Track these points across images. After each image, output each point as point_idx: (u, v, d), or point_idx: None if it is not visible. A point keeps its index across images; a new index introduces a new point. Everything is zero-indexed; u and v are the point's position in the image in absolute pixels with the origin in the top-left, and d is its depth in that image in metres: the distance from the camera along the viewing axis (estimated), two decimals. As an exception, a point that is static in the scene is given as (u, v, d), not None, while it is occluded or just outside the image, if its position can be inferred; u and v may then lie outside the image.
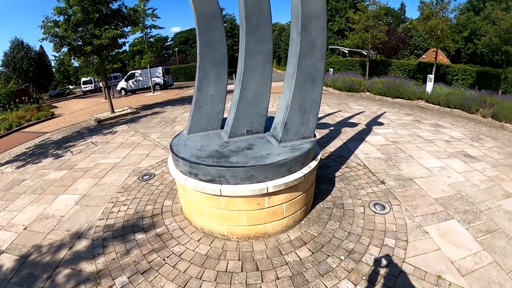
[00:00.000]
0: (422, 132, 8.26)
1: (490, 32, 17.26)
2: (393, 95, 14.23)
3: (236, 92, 4.10)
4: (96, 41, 11.46)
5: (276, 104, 11.00)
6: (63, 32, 11.40)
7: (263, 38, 3.82)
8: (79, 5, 11.18)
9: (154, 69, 27.60)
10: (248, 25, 3.71)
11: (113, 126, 11.04)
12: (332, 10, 53.12)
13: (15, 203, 5.32)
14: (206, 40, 4.10)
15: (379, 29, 22.20)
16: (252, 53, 3.83)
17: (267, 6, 3.75)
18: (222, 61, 4.26)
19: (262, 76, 3.96)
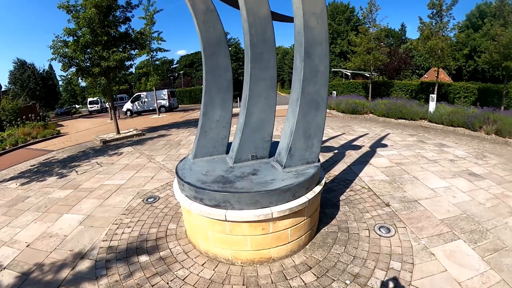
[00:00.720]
0: (426, 152, 8.26)
1: (489, 49, 17.52)
2: (396, 116, 14.33)
3: (241, 118, 4.18)
4: (104, 63, 11.77)
5: (280, 128, 11.12)
6: (72, 52, 11.75)
7: (267, 65, 3.93)
8: (88, 27, 11.56)
9: (159, 91, 28.09)
10: (253, 52, 3.83)
11: (118, 148, 11.15)
12: (334, 33, 54.19)
13: (19, 219, 5.34)
14: (211, 67, 4.23)
15: (380, 51, 22.55)
16: (256, 79, 3.93)
17: (271, 34, 3.88)
18: (227, 87, 4.37)
19: (266, 102, 4.04)
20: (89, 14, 11.18)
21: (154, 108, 27.62)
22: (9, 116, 21.44)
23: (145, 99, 29.49)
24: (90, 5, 11.26)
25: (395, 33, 59.71)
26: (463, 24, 42.97)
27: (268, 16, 3.87)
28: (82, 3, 11.79)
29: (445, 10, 18.20)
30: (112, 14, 12.21)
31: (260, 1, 3.80)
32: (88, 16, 11.22)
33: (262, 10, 3.81)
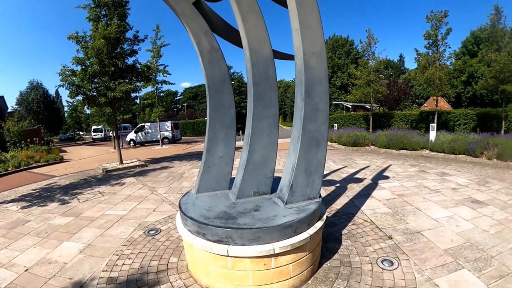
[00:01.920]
0: (428, 182, 8.28)
1: (485, 74, 17.85)
2: (398, 147, 14.42)
3: (244, 154, 4.28)
4: (110, 93, 12.05)
5: (282, 162, 11.18)
6: (79, 81, 12.12)
7: (269, 103, 4.08)
8: (96, 57, 11.96)
9: (163, 123, 28.56)
10: (256, 91, 3.99)
11: (121, 178, 11.19)
12: (334, 66, 55.57)
13: (18, 243, 5.33)
14: (215, 104, 4.38)
15: (380, 83, 23.01)
16: (259, 117, 4.07)
17: (273, 73, 4.05)
18: (230, 124, 4.51)
19: (269, 139, 4.16)
20: (98, 44, 11.59)
21: (157, 139, 27.90)
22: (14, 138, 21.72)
23: (148, 130, 29.89)
24: (99, 36, 11.69)
25: (394, 64, 61.08)
26: (459, 51, 43.94)
27: (270, 56, 4.06)
28: (91, 34, 12.27)
29: (441, 40, 18.75)
30: (120, 47, 12.66)
31: (262, 42, 4.00)
32: (97, 46, 11.63)
33: (265, 50, 4.01)
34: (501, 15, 18.27)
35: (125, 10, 12.72)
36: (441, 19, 18.57)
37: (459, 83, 40.52)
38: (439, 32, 18.69)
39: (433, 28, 18.70)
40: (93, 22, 12.43)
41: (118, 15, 12.45)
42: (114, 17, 12.25)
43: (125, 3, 12.72)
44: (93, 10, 12.36)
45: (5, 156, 16.93)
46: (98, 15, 12.40)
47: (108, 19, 12.44)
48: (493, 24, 18.50)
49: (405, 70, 59.11)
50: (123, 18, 12.66)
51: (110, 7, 12.33)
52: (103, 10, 12.49)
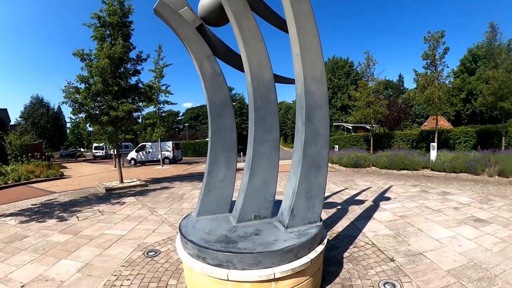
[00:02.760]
0: (429, 202, 8.22)
1: (484, 92, 17.99)
2: (399, 167, 14.41)
3: (245, 178, 4.30)
4: (112, 112, 12.15)
5: (283, 184, 11.15)
6: (82, 99, 12.25)
7: (270, 127, 4.13)
8: (100, 76, 12.13)
9: (164, 143, 28.73)
10: (257, 115, 4.05)
11: (121, 197, 11.14)
12: (334, 88, 56.30)
13: (15, 258, 5.26)
14: (217, 127, 4.43)
15: (380, 103, 23.17)
16: (260, 141, 4.11)
17: (274, 97, 4.12)
18: (232, 147, 4.55)
19: (269, 163, 4.19)
20: (102, 64, 11.78)
21: (158, 159, 27.99)
22: (15, 151, 21.76)
23: (149, 150, 30.02)
24: (104, 55, 11.90)
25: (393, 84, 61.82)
26: (457, 69, 44.40)
27: (271, 81, 4.14)
28: (96, 53, 12.50)
29: (439, 59, 19.01)
30: (123, 66, 12.88)
31: (263, 67, 4.08)
32: (101, 66, 11.82)
33: (266, 75, 4.09)
34: (496, 32, 18.62)
35: (129, 30, 13.03)
36: (438, 39, 18.89)
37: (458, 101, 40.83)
38: (436, 52, 18.98)
39: (431, 48, 19.01)
40: (98, 41, 12.69)
41: (122, 35, 12.74)
42: (118, 37, 12.53)
43: (129, 23, 13.03)
44: (98, 30, 12.64)
45: (5, 169, 16.95)
46: (103, 35, 12.66)
47: (113, 39, 12.72)
48: (489, 41, 18.84)
49: (405, 90, 59.75)
50: (127, 38, 12.95)
51: (114, 27, 12.63)
52: (108, 30, 12.78)
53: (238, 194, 4.51)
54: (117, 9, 12.54)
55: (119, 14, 12.55)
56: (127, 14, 12.89)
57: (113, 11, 12.40)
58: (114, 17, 12.32)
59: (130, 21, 13.07)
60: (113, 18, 12.31)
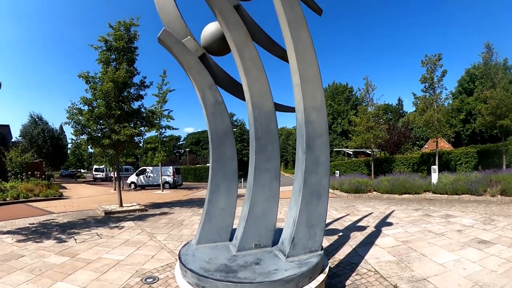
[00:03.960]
0: (432, 226, 8.13)
1: (482, 112, 18.09)
2: (400, 191, 14.36)
3: (245, 206, 4.30)
4: (114, 136, 12.23)
5: (284, 211, 11.10)
6: (85, 121, 12.38)
7: (271, 156, 4.16)
8: (104, 99, 12.28)
9: (165, 167, 28.62)
10: (258, 144, 4.09)
11: (120, 221, 11.04)
12: (334, 113, 56.93)
13: (11, 277, 5.17)
14: (218, 156, 4.47)
15: (380, 128, 23.30)
16: (261, 170, 4.13)
17: (275, 127, 4.18)
18: (232, 176, 4.57)
19: (270, 192, 4.19)
20: (106, 87, 11.96)
21: (158, 183, 27.84)
22: (15, 169, 21.78)
23: (150, 174, 30.05)
24: (108, 79, 12.11)
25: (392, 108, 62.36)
26: (456, 90, 44.72)
27: (272, 110, 4.21)
28: (101, 77, 12.71)
29: (437, 82, 19.28)
30: (127, 91, 13.08)
31: (264, 96, 4.17)
32: (105, 89, 11.99)
33: (267, 104, 4.17)
34: (492, 52, 18.95)
35: (133, 56, 13.33)
36: (435, 62, 19.24)
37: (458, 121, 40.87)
38: (434, 75, 19.29)
39: (429, 72, 19.33)
40: (103, 65, 12.95)
41: (127, 60, 13.02)
42: (123, 62, 12.79)
43: (134, 49, 13.35)
44: (104, 53, 12.92)
45: (4, 186, 16.93)
46: (108, 59, 12.94)
47: (118, 63, 12.98)
48: (486, 62, 19.15)
49: (404, 113, 60.14)
50: (131, 63, 13.23)
51: (120, 52, 12.93)
52: (113, 54, 13.08)
53: (238, 222, 4.49)
54: (123, 34, 12.87)
55: (125, 39, 12.88)
56: (132, 39, 13.22)
57: (120, 36, 12.73)
58: (120, 42, 12.65)
59: (135, 47, 13.39)
60: (119, 43, 12.64)
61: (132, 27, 13.26)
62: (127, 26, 13.11)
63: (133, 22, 13.25)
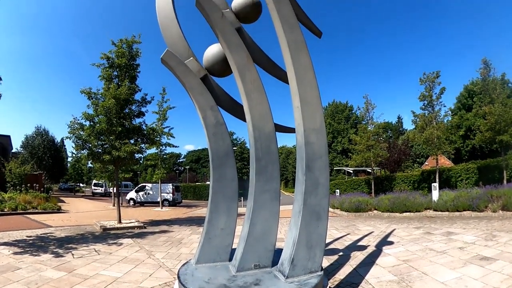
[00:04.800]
0: (433, 244, 8.06)
1: (482, 128, 18.14)
2: (401, 210, 14.32)
3: (245, 227, 4.30)
4: (115, 152, 12.26)
5: (284, 230, 11.03)
6: (86, 136, 12.42)
7: (271, 177, 4.20)
8: (105, 115, 12.37)
9: (164, 185, 28.55)
10: (258, 165, 4.14)
11: (118, 237, 10.95)
12: (334, 132, 57.16)
13: None
14: (219, 176, 4.50)
15: (380, 146, 23.35)
16: (261, 191, 4.16)
17: (275, 148, 4.23)
18: (233, 196, 4.59)
19: (270, 212, 4.21)
20: (108, 104, 12.08)
21: (157, 200, 27.62)
22: (14, 180, 21.69)
23: (149, 191, 29.95)
24: (110, 96, 12.22)
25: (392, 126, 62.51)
26: (455, 107, 44.86)
27: (273, 131, 4.28)
28: (103, 93, 12.84)
29: (436, 99, 19.45)
30: (128, 107, 13.20)
31: (265, 118, 4.24)
32: (107, 105, 12.11)
33: (267, 126, 4.23)
34: (490, 68, 19.17)
35: (135, 73, 13.52)
36: (433, 79, 19.49)
37: (458, 138, 40.99)
38: (433, 92, 19.49)
39: (427, 89, 19.54)
40: (105, 81, 13.10)
41: (129, 76, 13.20)
42: (125, 79, 12.96)
43: (136, 66, 13.54)
44: (106, 70, 13.09)
45: (2, 196, 16.85)
46: (111, 75, 13.11)
47: (120, 80, 13.15)
48: (484, 77, 19.35)
49: (404, 131, 60.26)
50: (133, 80, 13.41)
51: (122, 69, 13.11)
52: (116, 71, 13.25)
53: (238, 242, 4.48)
54: (125, 52, 13.08)
55: (127, 56, 13.08)
56: (134, 57, 13.43)
57: (122, 53, 12.93)
58: (123, 59, 12.84)
59: (137, 64, 13.60)
60: (121, 60, 12.83)
61: (134, 44, 13.48)
62: (129, 43, 13.33)
63: (135, 39, 13.47)
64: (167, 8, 5.07)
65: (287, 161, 76.34)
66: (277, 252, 4.46)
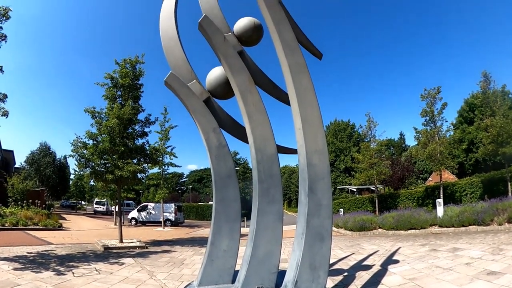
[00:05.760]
0: (440, 261, 7.90)
1: (484, 141, 18.06)
2: (406, 227, 14.15)
3: (248, 249, 4.28)
4: (117, 171, 12.28)
5: (287, 251, 10.92)
6: (89, 155, 12.47)
7: (274, 199, 4.21)
8: (108, 135, 12.43)
9: (167, 205, 28.36)
10: (261, 187, 4.15)
11: (119, 257, 10.81)
12: (337, 150, 57.26)
13: None
14: (221, 197, 4.50)
15: (383, 164, 23.29)
16: (264, 213, 4.17)
17: (277, 170, 4.26)
18: (235, 217, 4.59)
19: (273, 234, 4.20)
20: (111, 123, 12.15)
21: (159, 220, 27.29)
22: (16, 195, 21.63)
23: (151, 211, 29.76)
24: (113, 115, 12.31)
25: (395, 142, 62.44)
26: (456, 121, 44.82)
27: (275, 154, 4.31)
28: (106, 112, 12.93)
29: (437, 115, 19.49)
30: (131, 127, 13.28)
31: (267, 140, 4.28)
32: (110, 125, 12.18)
33: (269, 148, 4.27)
34: (490, 81, 19.22)
35: (139, 93, 13.66)
36: (434, 95, 19.59)
37: (461, 151, 40.76)
38: (434, 108, 19.55)
39: (429, 105, 19.61)
40: (109, 101, 13.23)
41: (132, 96, 13.33)
42: (129, 99, 13.08)
43: (139, 86, 13.70)
44: (110, 90, 13.24)
45: (4, 211, 16.78)
46: (114, 95, 13.26)
47: (123, 99, 13.28)
48: (484, 90, 19.37)
49: (407, 147, 60.15)
50: (136, 100, 13.54)
51: (126, 89, 13.26)
52: (119, 90, 13.40)
53: (241, 264, 4.45)
54: (129, 72, 13.26)
55: (130, 76, 13.24)
56: (138, 77, 13.60)
57: (126, 73, 13.11)
58: (126, 79, 13.00)
59: (140, 84, 13.76)
60: (125, 80, 12.99)
61: (137, 64, 13.67)
62: (133, 63, 13.53)
63: (138, 59, 13.68)
64: (171, 31, 5.18)
65: (290, 180, 75.81)
66: (281, 274, 4.41)
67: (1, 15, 9.86)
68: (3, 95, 9.85)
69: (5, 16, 9.93)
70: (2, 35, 10.17)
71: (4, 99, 9.85)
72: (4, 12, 9.84)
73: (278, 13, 4.35)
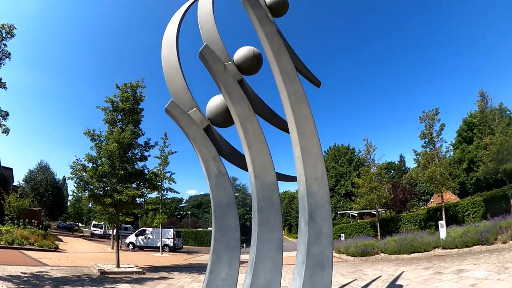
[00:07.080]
0: (444, 284, 7.77)
1: (484, 159, 18.05)
2: (408, 251, 14.04)
3: (247, 278, 4.21)
4: (116, 195, 12.26)
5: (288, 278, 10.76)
6: (88, 178, 12.46)
7: (273, 227, 4.18)
8: (108, 158, 12.48)
9: (165, 230, 28.25)
10: (260, 216, 4.14)
11: (116, 282, 10.56)
12: (337, 175, 57.44)
13: None
14: (221, 226, 4.47)
15: (383, 187, 23.25)
16: (263, 241, 4.13)
17: (277, 199, 4.25)
18: (235, 246, 4.54)
19: (273, 263, 4.14)
20: (111, 147, 12.21)
21: (157, 245, 27.01)
22: (13, 213, 21.41)
23: (149, 235, 29.52)
24: (113, 139, 12.40)
25: (395, 165, 62.47)
26: (456, 141, 44.93)
27: (275, 182, 4.32)
28: (106, 136, 13.01)
29: (436, 136, 19.58)
30: (131, 151, 13.35)
31: (267, 169, 4.30)
32: (110, 149, 12.23)
33: (269, 177, 4.29)
34: (487, 99, 19.43)
35: (139, 117, 13.82)
36: (433, 117, 19.76)
37: (461, 171, 40.64)
38: (433, 129, 19.68)
39: (427, 127, 19.74)
40: (109, 125, 13.35)
41: (133, 121, 13.45)
42: (129, 123, 13.21)
43: (140, 110, 13.86)
44: (111, 113, 13.39)
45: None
46: (115, 119, 13.39)
47: (123, 123, 13.39)
48: (482, 109, 19.54)
49: (407, 170, 60.08)
50: (137, 124, 13.69)
51: (126, 113, 13.40)
52: (120, 114, 13.53)
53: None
54: (130, 96, 13.44)
55: (131, 100, 13.42)
56: (138, 101, 13.78)
57: (126, 97, 13.29)
58: (127, 103, 13.18)
59: (141, 108, 13.95)
60: (125, 104, 13.15)
61: (138, 88, 13.86)
62: (134, 87, 13.73)
63: (139, 83, 13.90)
64: (173, 59, 5.27)
65: (290, 206, 75.15)
66: (282, 304, 4.33)
67: (5, 32, 10.07)
68: (4, 112, 9.95)
69: (9, 33, 10.14)
70: (6, 53, 10.37)
71: (6, 116, 9.93)
72: (9, 30, 10.06)
73: (277, 43, 4.48)
